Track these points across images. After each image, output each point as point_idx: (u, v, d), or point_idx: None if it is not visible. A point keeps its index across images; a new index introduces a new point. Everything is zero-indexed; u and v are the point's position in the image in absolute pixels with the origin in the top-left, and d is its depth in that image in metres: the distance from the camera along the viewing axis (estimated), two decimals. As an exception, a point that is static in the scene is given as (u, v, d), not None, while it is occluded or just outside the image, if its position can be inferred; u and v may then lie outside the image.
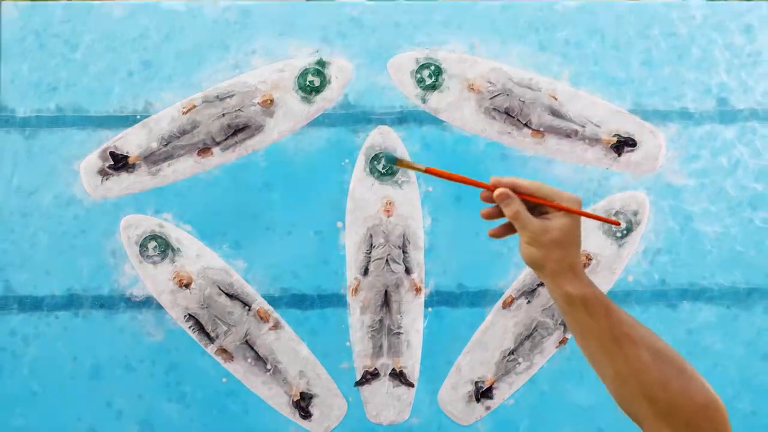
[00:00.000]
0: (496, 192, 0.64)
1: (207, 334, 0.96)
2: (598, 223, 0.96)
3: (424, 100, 0.98)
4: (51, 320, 0.96)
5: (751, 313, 0.96)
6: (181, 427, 0.96)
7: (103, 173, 0.97)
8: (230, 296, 0.96)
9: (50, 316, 0.96)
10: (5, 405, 0.95)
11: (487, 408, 0.97)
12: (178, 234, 0.96)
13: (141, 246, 0.96)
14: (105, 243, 0.96)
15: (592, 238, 0.97)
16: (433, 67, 0.98)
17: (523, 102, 0.97)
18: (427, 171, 0.67)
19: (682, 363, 0.63)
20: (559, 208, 0.63)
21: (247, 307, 0.96)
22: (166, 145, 0.97)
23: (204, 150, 0.97)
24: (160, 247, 0.96)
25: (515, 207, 0.63)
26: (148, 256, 0.96)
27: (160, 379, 0.97)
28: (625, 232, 0.97)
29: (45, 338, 0.96)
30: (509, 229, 0.67)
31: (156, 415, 0.96)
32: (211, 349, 0.96)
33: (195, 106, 0.97)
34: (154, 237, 0.96)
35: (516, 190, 0.64)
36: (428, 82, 0.98)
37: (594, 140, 0.98)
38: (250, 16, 0.97)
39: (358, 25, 0.99)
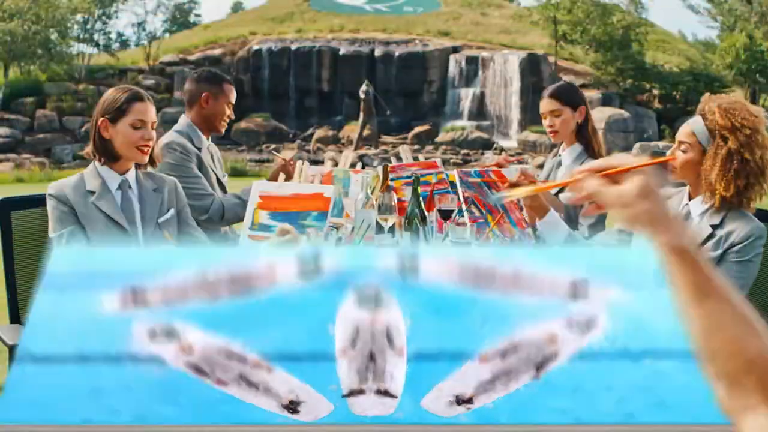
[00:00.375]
0: (571, 184, 0.78)
1: (204, 373, 1.06)
2: (563, 323, 1.14)
3: (404, 272, 1.20)
4: (59, 368, 1.06)
5: None
6: (175, 419, 1.01)
7: (123, 304, 1.14)
8: (228, 355, 1.07)
9: (59, 366, 1.06)
10: None
11: (468, 408, 1.03)
12: (184, 328, 1.11)
13: (150, 335, 1.09)
14: (118, 336, 1.09)
15: (556, 327, 1.12)
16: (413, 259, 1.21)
17: (489, 272, 1.20)
18: (535, 192, 0.82)
19: (763, 326, 0.66)
20: (625, 171, 0.73)
21: (243, 360, 1.07)
22: (182, 291, 1.16)
23: (214, 292, 1.16)
24: (167, 335, 1.09)
25: (592, 186, 0.76)
26: (155, 340, 1.09)
27: (156, 392, 1.03)
28: (585, 327, 1.12)
29: (51, 376, 1.05)
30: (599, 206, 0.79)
31: (150, 412, 1.02)
32: (206, 379, 1.05)
33: (208, 276, 1.18)
34: (162, 329, 1.10)
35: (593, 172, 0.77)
36: (409, 267, 1.21)
37: (552, 289, 1.18)
38: None
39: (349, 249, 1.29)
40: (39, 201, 2.21)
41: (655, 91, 21.51)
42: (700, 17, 28.81)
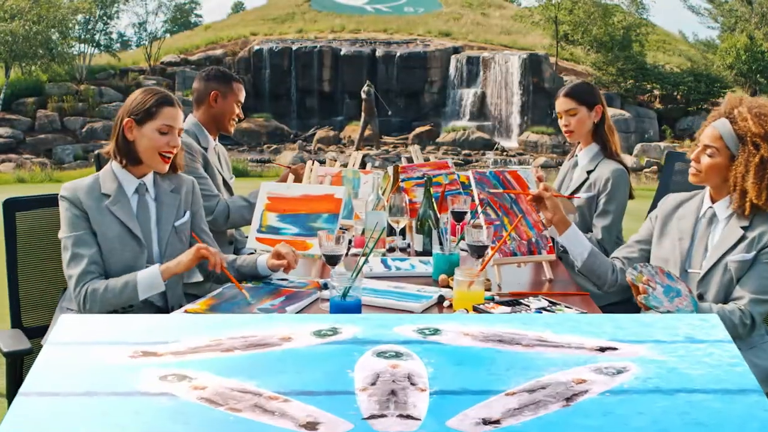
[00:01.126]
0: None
1: (217, 404, 1.01)
2: (592, 368, 1.12)
3: (424, 337, 1.17)
4: (65, 400, 1.02)
5: (746, 396, 1.04)
6: None
7: (132, 357, 1.11)
8: (242, 391, 1.04)
9: (65, 398, 1.02)
10: None
11: (495, 427, 0.99)
12: (196, 374, 1.07)
13: (160, 378, 1.06)
14: (127, 379, 1.06)
15: (585, 372, 1.09)
16: (432, 329, 1.19)
17: (513, 337, 1.17)
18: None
19: None
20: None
21: (258, 394, 1.03)
22: (194, 349, 1.13)
23: (227, 350, 1.13)
24: (179, 379, 1.06)
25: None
26: (165, 380, 1.06)
27: (165, 415, 0.99)
28: (615, 372, 1.09)
29: (57, 406, 1.01)
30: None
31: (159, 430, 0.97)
32: (219, 407, 1.00)
33: (222, 341, 1.16)
34: (173, 374, 1.07)
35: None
36: (428, 333, 1.19)
37: (579, 348, 1.15)
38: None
39: (366, 316, 1.28)
40: (45, 202, 2.15)
41: (656, 92, 21.43)
42: (701, 18, 28.81)
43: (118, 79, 20.71)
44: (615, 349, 1.14)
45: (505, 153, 19.02)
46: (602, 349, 1.14)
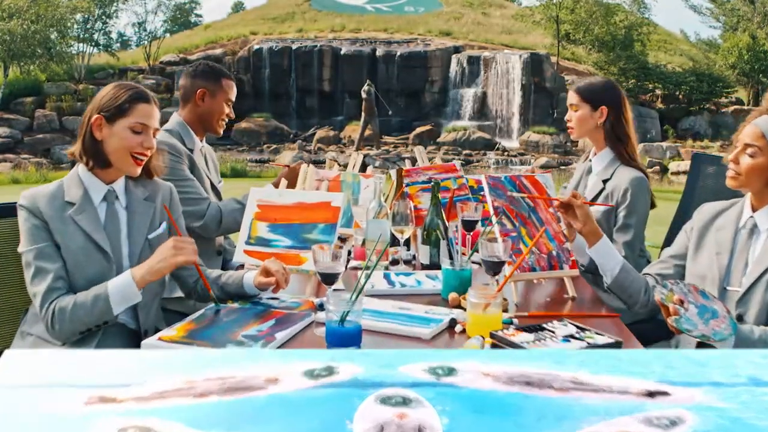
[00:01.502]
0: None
1: None
2: (641, 418, 0.96)
3: (437, 379, 0.99)
4: None
5: None
6: None
7: (87, 404, 0.94)
8: None
9: None
10: None
11: None
12: (162, 426, 0.90)
13: (119, 430, 0.89)
14: None
15: (632, 423, 0.93)
16: (446, 368, 1.01)
17: (543, 378, 1.00)
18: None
19: None
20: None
21: None
22: (161, 394, 0.95)
23: (201, 395, 0.95)
24: (140, 431, 0.89)
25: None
26: None
27: None
28: (669, 423, 0.92)
29: None
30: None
31: None
32: None
33: (195, 383, 0.98)
34: (134, 426, 0.90)
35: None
36: (442, 373, 1.00)
37: (623, 393, 0.97)
38: None
39: (368, 352, 1.09)
40: (5, 210, 1.94)
41: (658, 92, 21.37)
42: (703, 17, 28.78)
43: (116, 79, 20.45)
44: (666, 393, 0.97)
45: (506, 153, 18.89)
46: (651, 394, 0.97)
